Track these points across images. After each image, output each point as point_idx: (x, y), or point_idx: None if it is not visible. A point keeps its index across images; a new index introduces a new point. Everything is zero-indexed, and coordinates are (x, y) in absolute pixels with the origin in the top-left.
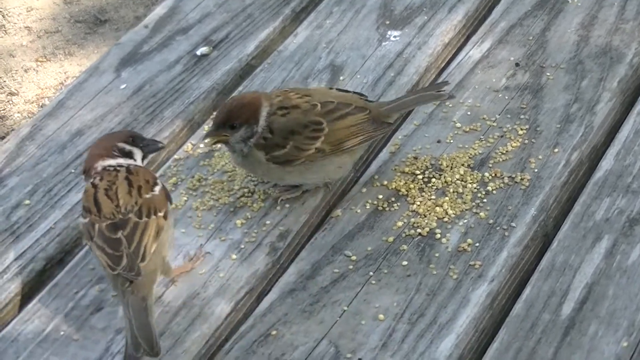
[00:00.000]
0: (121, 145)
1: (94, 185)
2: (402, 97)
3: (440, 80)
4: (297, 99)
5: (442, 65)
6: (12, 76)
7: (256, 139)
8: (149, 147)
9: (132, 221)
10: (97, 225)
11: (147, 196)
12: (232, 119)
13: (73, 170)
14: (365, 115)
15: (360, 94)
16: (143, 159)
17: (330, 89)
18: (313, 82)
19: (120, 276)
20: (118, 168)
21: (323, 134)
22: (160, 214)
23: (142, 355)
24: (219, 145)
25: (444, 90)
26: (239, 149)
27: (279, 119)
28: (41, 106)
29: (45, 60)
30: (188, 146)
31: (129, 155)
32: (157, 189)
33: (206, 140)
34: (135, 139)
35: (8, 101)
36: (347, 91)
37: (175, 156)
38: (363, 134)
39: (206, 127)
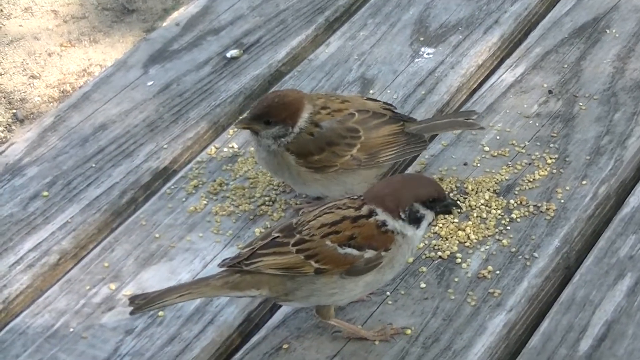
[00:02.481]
0: (416, 206)
1: (336, 203)
2: (433, 119)
3: (470, 104)
4: (338, 103)
5: (474, 86)
6: (35, 59)
7: (287, 140)
8: (443, 208)
9: (287, 240)
10: (296, 218)
11: (327, 243)
12: (269, 115)
13: (94, 165)
14: (399, 127)
15: (389, 105)
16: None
17: (362, 97)
18: (342, 93)
19: None
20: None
21: (359, 142)
22: (314, 263)
23: None
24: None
25: (475, 120)
26: (265, 144)
27: (325, 117)
28: (62, 92)
29: (69, 45)
30: (211, 149)
31: (418, 221)
32: (349, 251)
33: (236, 125)
34: (436, 200)
35: (29, 84)
36: (377, 101)
37: (198, 158)
38: (397, 146)
39: (231, 130)
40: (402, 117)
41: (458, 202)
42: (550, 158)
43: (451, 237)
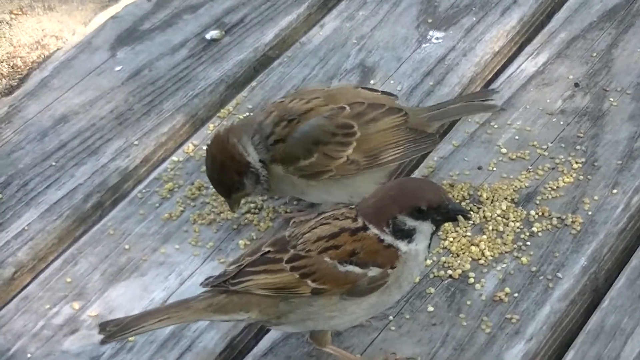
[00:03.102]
0: (401, 219)
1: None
2: (445, 104)
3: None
4: (303, 104)
5: (490, 77)
6: None
7: (267, 163)
8: (448, 218)
9: (280, 255)
10: (286, 231)
11: (326, 259)
12: (227, 187)
13: (54, 163)
14: (400, 117)
15: (391, 94)
16: (435, 232)
17: (356, 87)
18: (339, 83)
19: None
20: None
21: (355, 139)
22: (311, 283)
23: None
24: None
25: (493, 100)
26: (261, 190)
27: (285, 134)
28: (12, 67)
29: (20, 13)
30: (189, 147)
31: (406, 235)
32: (350, 268)
33: (234, 212)
34: (429, 209)
35: None
36: (375, 90)
37: (174, 157)
38: (402, 144)
39: (211, 125)
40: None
41: (466, 208)
42: (577, 162)
43: (463, 254)
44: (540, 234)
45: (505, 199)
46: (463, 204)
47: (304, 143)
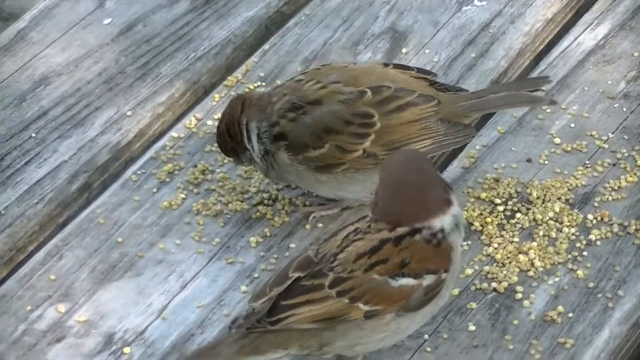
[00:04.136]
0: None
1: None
2: (486, 92)
3: (537, 73)
4: (317, 90)
5: (541, 48)
6: None
7: (268, 151)
8: None
9: (319, 281)
10: (307, 252)
11: (375, 277)
12: (224, 148)
13: (34, 135)
14: (432, 107)
15: (428, 73)
16: None
17: (386, 65)
18: (365, 50)
19: None
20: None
21: (373, 130)
22: (363, 306)
23: None
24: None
25: (543, 91)
26: (261, 167)
27: (290, 126)
28: None
29: None
30: (191, 121)
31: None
32: (404, 282)
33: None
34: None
35: None
36: (409, 68)
37: (173, 133)
38: (429, 137)
39: (217, 95)
40: (445, 87)
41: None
42: None
43: (509, 263)
44: (598, 242)
45: (559, 199)
46: (510, 203)
47: (315, 130)
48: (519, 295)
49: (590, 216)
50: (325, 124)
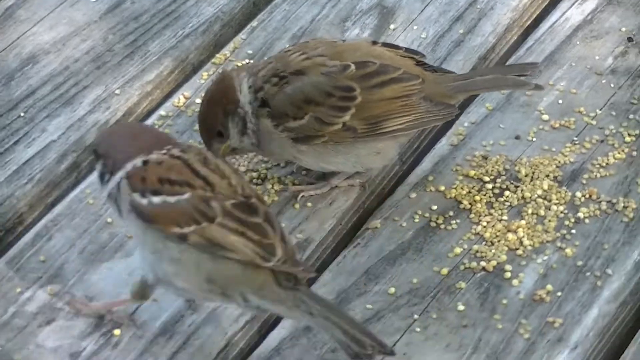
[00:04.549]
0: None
1: (177, 157)
2: (472, 74)
3: (524, 53)
4: (301, 61)
5: (528, 23)
6: None
7: (255, 116)
8: None
9: (262, 209)
10: (215, 203)
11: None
12: (209, 126)
13: (22, 114)
14: (415, 86)
15: (416, 53)
16: None
17: (374, 43)
18: (353, 27)
19: (274, 275)
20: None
21: (354, 104)
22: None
23: (375, 354)
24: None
25: (529, 76)
26: (248, 145)
27: (273, 91)
28: None
29: None
30: (179, 99)
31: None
32: None
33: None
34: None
35: None
36: (397, 47)
37: (162, 111)
38: (410, 113)
39: (205, 73)
40: (432, 68)
41: None
42: (630, 135)
43: (498, 242)
44: (587, 220)
45: (547, 176)
46: (498, 181)
47: (294, 100)
48: (508, 274)
49: (578, 194)
50: (306, 94)
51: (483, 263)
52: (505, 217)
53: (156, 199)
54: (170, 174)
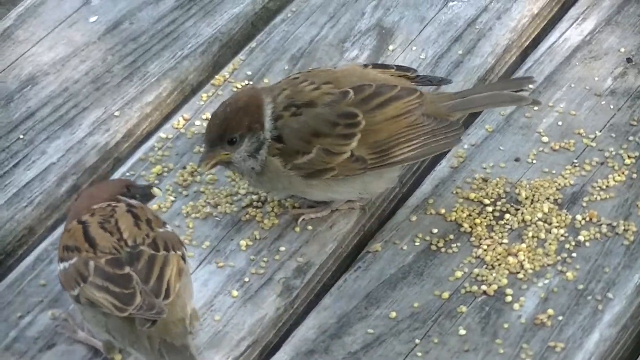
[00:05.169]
0: (122, 199)
1: (82, 222)
2: (469, 92)
3: (524, 70)
4: (311, 91)
5: (527, 43)
6: None
7: (268, 148)
8: (144, 196)
9: (147, 254)
10: (92, 263)
11: (161, 230)
12: (228, 130)
13: (22, 136)
14: (415, 99)
15: (407, 69)
16: None
17: (365, 66)
18: (352, 48)
19: (134, 321)
20: (114, 205)
21: (359, 130)
22: (179, 253)
23: None
24: (215, 169)
25: (526, 91)
26: (247, 167)
27: (290, 122)
28: None
29: None
30: (179, 121)
31: None
32: (169, 227)
33: (201, 167)
34: (130, 189)
35: None
36: (387, 67)
37: (161, 133)
38: (418, 136)
39: (204, 95)
40: (427, 79)
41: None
42: (630, 157)
43: (499, 265)
44: (587, 244)
45: (547, 199)
46: (498, 204)
47: (302, 134)
48: (509, 298)
49: (579, 216)
50: (313, 127)
51: (484, 287)
52: (505, 240)
53: (61, 266)
54: (69, 241)
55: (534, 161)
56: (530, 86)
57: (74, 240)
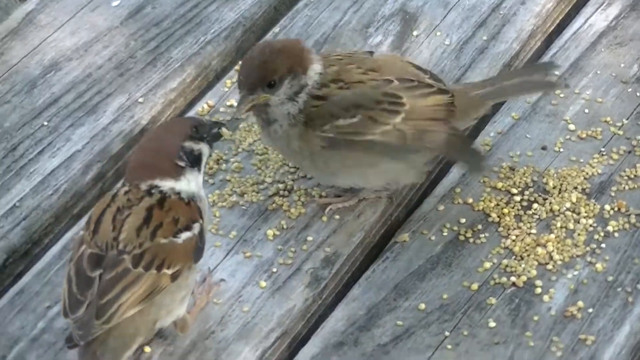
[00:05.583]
0: (188, 146)
1: (114, 197)
2: (497, 80)
3: (549, 56)
4: (359, 74)
5: (552, 29)
6: None
7: (308, 97)
8: (213, 136)
9: (122, 267)
10: (83, 248)
11: (162, 241)
12: (269, 73)
13: (46, 123)
14: (448, 99)
15: (439, 80)
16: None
17: (404, 61)
18: (376, 33)
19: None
20: (147, 194)
21: (403, 110)
22: (168, 271)
23: None
24: (245, 115)
25: (554, 75)
26: (284, 112)
27: (336, 92)
28: None
29: None
30: (203, 107)
31: (198, 161)
32: (184, 236)
33: (238, 109)
34: (200, 130)
35: None
36: (423, 70)
37: None
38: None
39: (228, 82)
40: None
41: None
42: None
43: (528, 256)
44: (616, 234)
45: (575, 188)
46: (526, 193)
47: (343, 104)
48: (539, 290)
49: (607, 206)
50: (355, 101)
51: (513, 278)
52: (534, 231)
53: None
54: (96, 207)
55: (561, 149)
56: (556, 72)
57: (94, 211)
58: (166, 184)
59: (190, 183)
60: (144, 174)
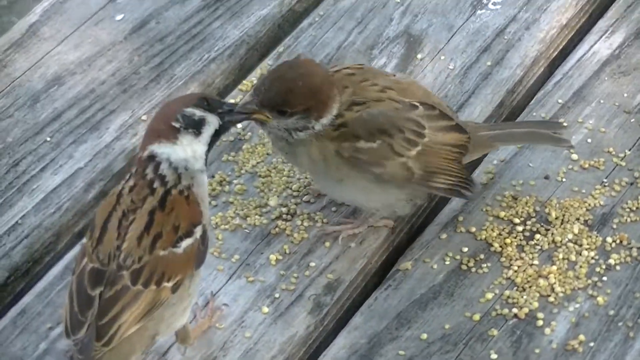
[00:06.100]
0: (189, 110)
1: (119, 198)
2: (508, 125)
3: (553, 83)
4: (377, 92)
5: (555, 55)
6: None
7: (309, 133)
8: (233, 115)
9: (121, 284)
10: (85, 262)
11: (162, 253)
12: (286, 104)
13: (49, 139)
14: (466, 139)
15: (452, 110)
16: (219, 134)
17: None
18: (380, 55)
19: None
20: (155, 184)
21: (422, 142)
22: (168, 284)
23: None
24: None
25: (562, 135)
26: (278, 136)
27: (357, 115)
28: None
29: None
30: None
31: (198, 126)
32: (185, 244)
33: (244, 107)
34: (210, 102)
35: None
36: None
37: None
38: (456, 174)
39: (232, 100)
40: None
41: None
42: None
43: (530, 288)
44: (618, 267)
45: (578, 220)
46: (528, 223)
47: (368, 126)
48: (540, 322)
49: (609, 239)
50: (380, 125)
51: (515, 310)
52: (536, 262)
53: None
54: (103, 206)
55: (564, 179)
56: (563, 129)
57: (101, 213)
58: (163, 151)
59: (185, 149)
60: (146, 140)
